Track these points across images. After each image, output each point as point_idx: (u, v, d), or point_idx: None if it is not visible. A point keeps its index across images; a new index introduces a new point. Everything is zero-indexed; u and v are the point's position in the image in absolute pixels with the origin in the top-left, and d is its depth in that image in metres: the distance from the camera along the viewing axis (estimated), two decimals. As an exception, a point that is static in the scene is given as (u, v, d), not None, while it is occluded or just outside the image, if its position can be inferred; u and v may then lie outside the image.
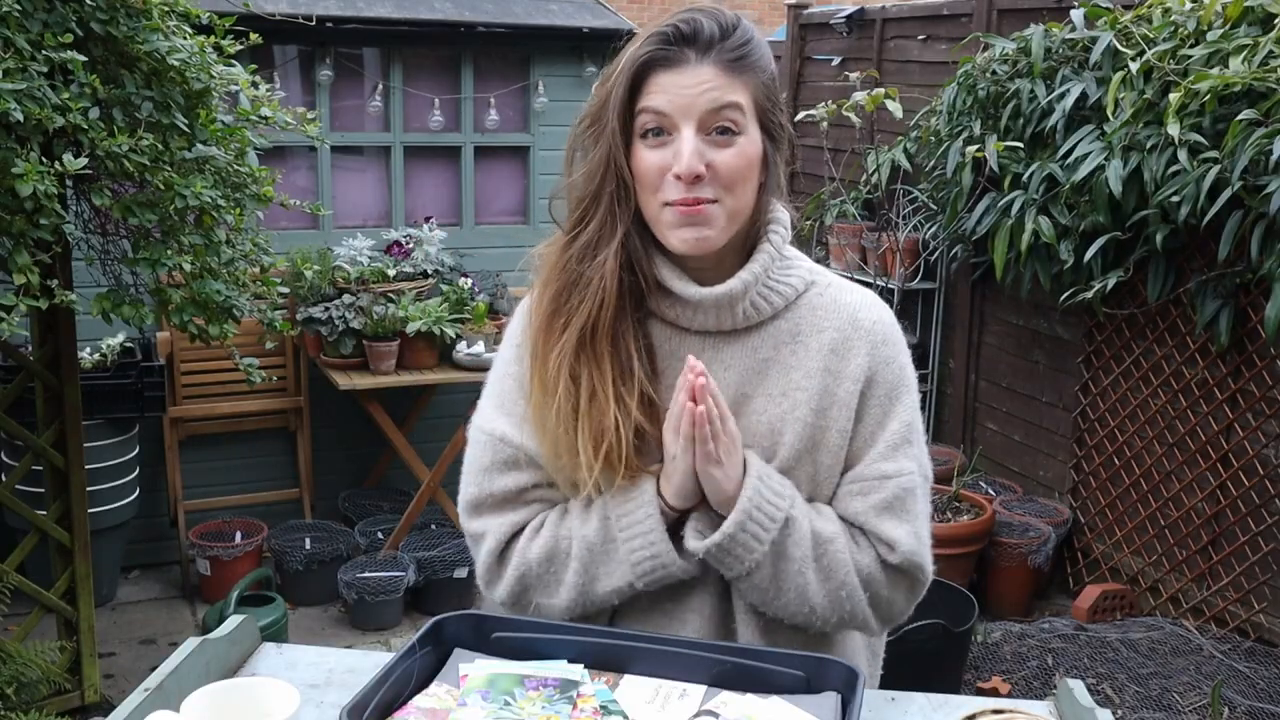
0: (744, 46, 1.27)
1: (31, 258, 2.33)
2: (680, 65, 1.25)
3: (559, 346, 1.31)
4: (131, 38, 2.47)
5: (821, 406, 1.34)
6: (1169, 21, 3.59)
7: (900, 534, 1.33)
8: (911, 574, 1.36)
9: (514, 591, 1.38)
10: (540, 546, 1.35)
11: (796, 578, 1.30)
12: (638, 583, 1.32)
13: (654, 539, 1.30)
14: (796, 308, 1.37)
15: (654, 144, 1.27)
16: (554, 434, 1.32)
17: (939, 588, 3.40)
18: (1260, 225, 3.16)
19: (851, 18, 5.36)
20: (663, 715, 1.16)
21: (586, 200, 1.31)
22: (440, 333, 4.09)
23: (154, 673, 1.22)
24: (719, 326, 1.35)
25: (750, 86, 1.28)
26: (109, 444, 3.95)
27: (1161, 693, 3.21)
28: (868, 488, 1.34)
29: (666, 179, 1.26)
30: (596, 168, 1.29)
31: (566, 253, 1.33)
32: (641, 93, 1.26)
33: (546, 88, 4.66)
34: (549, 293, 1.34)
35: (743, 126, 1.27)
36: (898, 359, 1.38)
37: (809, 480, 1.35)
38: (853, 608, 1.34)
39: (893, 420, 1.36)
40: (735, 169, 1.27)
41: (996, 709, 1.27)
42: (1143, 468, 3.97)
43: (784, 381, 1.35)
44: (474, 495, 1.40)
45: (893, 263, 4.80)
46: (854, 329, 1.36)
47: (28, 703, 3.06)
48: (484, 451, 1.39)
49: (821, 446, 1.34)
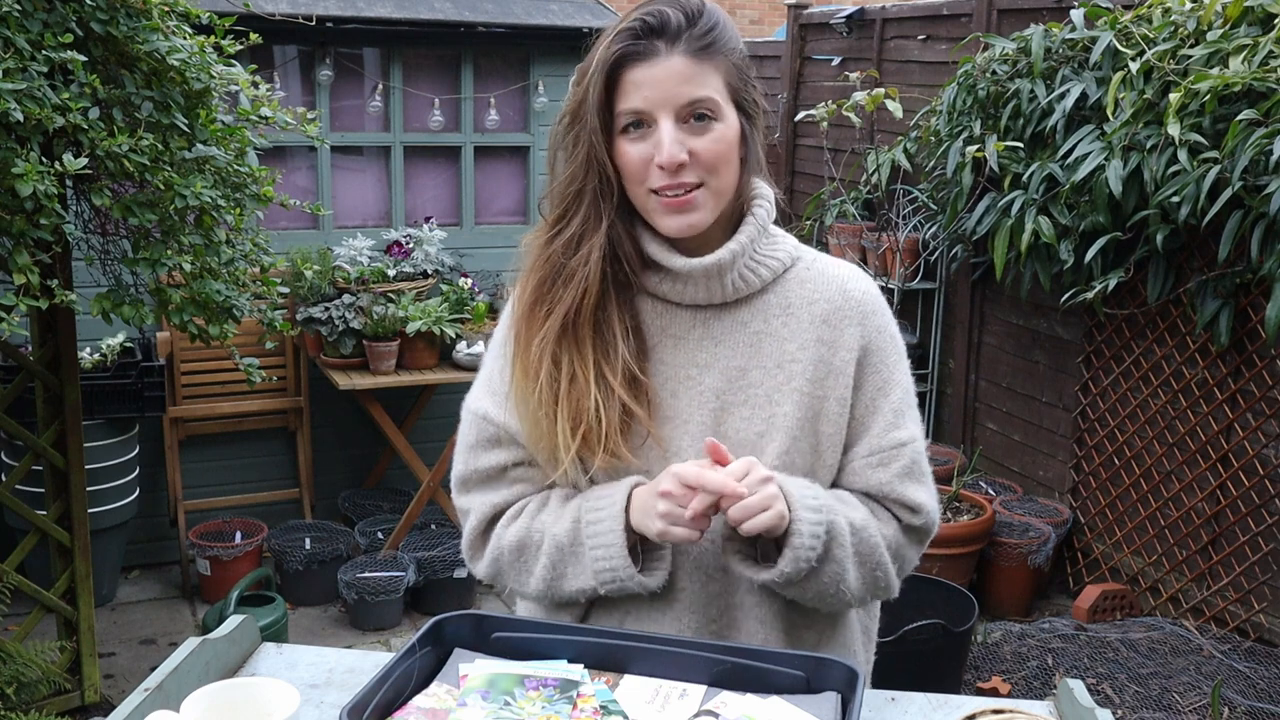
0: (711, 32, 1.30)
1: (31, 258, 2.33)
2: (651, 58, 1.28)
3: (541, 333, 1.34)
4: (131, 38, 2.47)
5: (818, 376, 1.36)
6: (1169, 21, 3.59)
7: (922, 497, 1.38)
8: (928, 530, 1.41)
9: (490, 572, 1.42)
10: (514, 535, 1.38)
11: (837, 571, 1.32)
12: (600, 589, 1.33)
13: (613, 553, 1.31)
14: (785, 281, 1.40)
15: (635, 137, 1.30)
16: (534, 416, 1.34)
17: (939, 588, 3.42)
18: (1260, 225, 3.15)
19: (851, 18, 5.36)
20: (663, 715, 1.16)
21: (570, 196, 1.34)
22: (440, 333, 4.09)
23: (154, 673, 1.22)
24: (709, 299, 1.37)
25: (721, 69, 1.31)
26: (109, 444, 3.95)
27: (1161, 693, 3.21)
28: (887, 458, 1.37)
29: (651, 168, 1.29)
30: (579, 165, 1.32)
31: (550, 246, 1.36)
32: (617, 90, 1.29)
33: (546, 88, 4.66)
34: (533, 282, 1.37)
35: (718, 112, 1.30)
36: (888, 328, 1.42)
37: (811, 450, 1.36)
38: (883, 579, 1.38)
39: (894, 388, 1.39)
40: (716, 153, 1.30)
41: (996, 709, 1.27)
42: (1143, 468, 3.97)
43: (778, 353, 1.37)
44: (461, 472, 1.45)
45: (893, 263, 4.80)
46: (845, 300, 1.39)
47: (28, 703, 3.06)
48: (470, 429, 1.44)
49: (822, 416, 1.36)
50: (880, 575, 1.36)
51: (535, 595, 1.39)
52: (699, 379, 1.37)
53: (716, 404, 1.36)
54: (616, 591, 1.33)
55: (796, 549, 1.27)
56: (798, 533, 1.27)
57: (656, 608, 1.37)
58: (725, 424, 1.36)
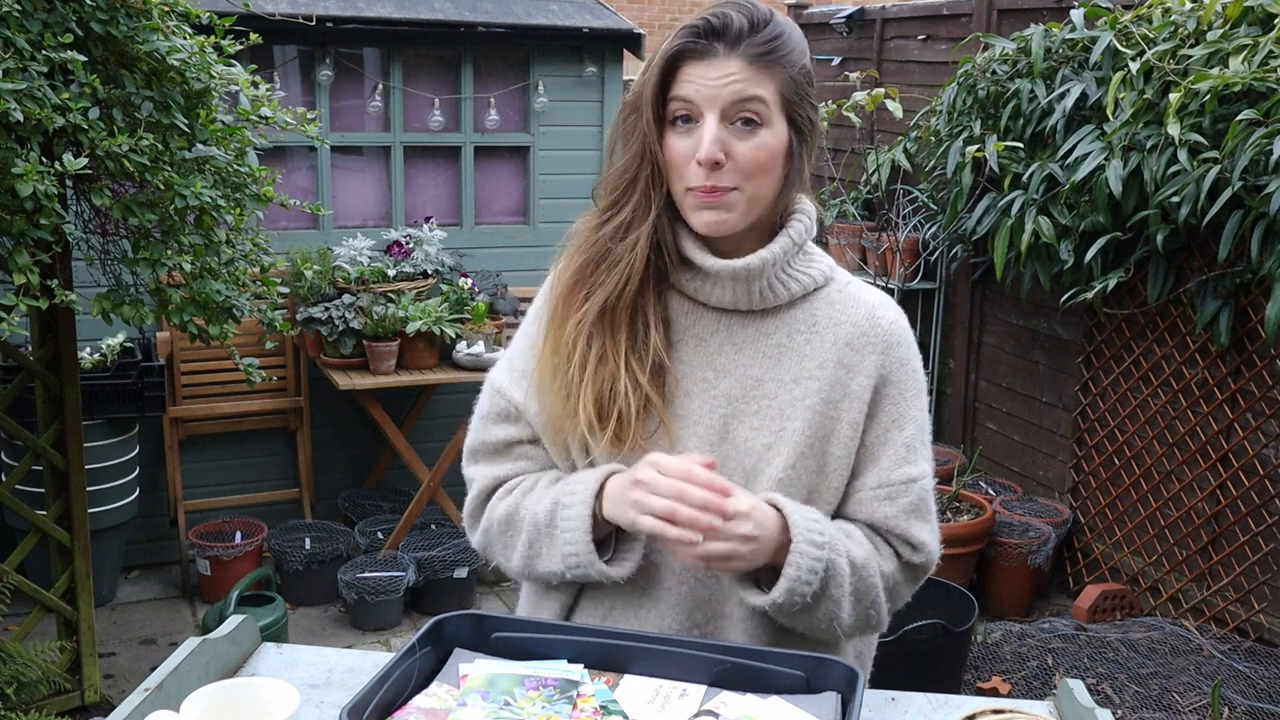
0: (773, 41, 1.30)
1: (31, 258, 2.33)
2: (709, 57, 1.29)
3: (580, 314, 1.35)
4: (131, 38, 2.47)
5: (833, 397, 1.36)
6: (1169, 21, 3.59)
7: (925, 535, 1.38)
8: (927, 569, 1.41)
9: (481, 544, 1.46)
10: (504, 509, 1.40)
11: (832, 608, 1.32)
12: (567, 574, 1.34)
13: (577, 537, 1.32)
14: (814, 299, 1.40)
15: (682, 131, 1.31)
16: (558, 392, 1.35)
17: (939, 588, 3.42)
18: (1260, 225, 3.15)
19: (851, 18, 5.36)
20: (663, 715, 1.16)
21: (624, 183, 1.35)
22: (440, 333, 4.09)
23: (154, 673, 1.22)
24: (735, 304, 1.38)
25: (777, 80, 1.30)
26: (109, 444, 3.95)
27: (1161, 693, 3.21)
28: (895, 492, 1.37)
29: (690, 165, 1.30)
30: (634, 154, 1.34)
31: (600, 230, 1.37)
32: (673, 83, 1.31)
33: (546, 88, 4.66)
34: (576, 263, 1.38)
35: (766, 119, 1.30)
36: (911, 361, 1.41)
37: (817, 470, 1.36)
38: (876, 616, 1.38)
39: (908, 423, 1.38)
40: (754, 160, 1.30)
41: (996, 709, 1.27)
42: (1143, 468, 3.97)
43: (797, 369, 1.37)
44: (471, 441, 1.48)
45: (893, 263, 4.80)
46: (872, 326, 1.39)
47: (28, 703, 3.06)
48: (486, 401, 1.47)
49: (832, 438, 1.36)
50: (874, 613, 1.36)
51: (516, 571, 1.41)
52: (714, 382, 1.37)
53: (728, 410, 1.36)
54: (580, 578, 1.34)
55: (793, 581, 1.27)
56: (796, 565, 1.27)
57: (641, 604, 1.37)
58: (734, 431, 1.36)
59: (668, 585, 1.37)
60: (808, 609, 1.30)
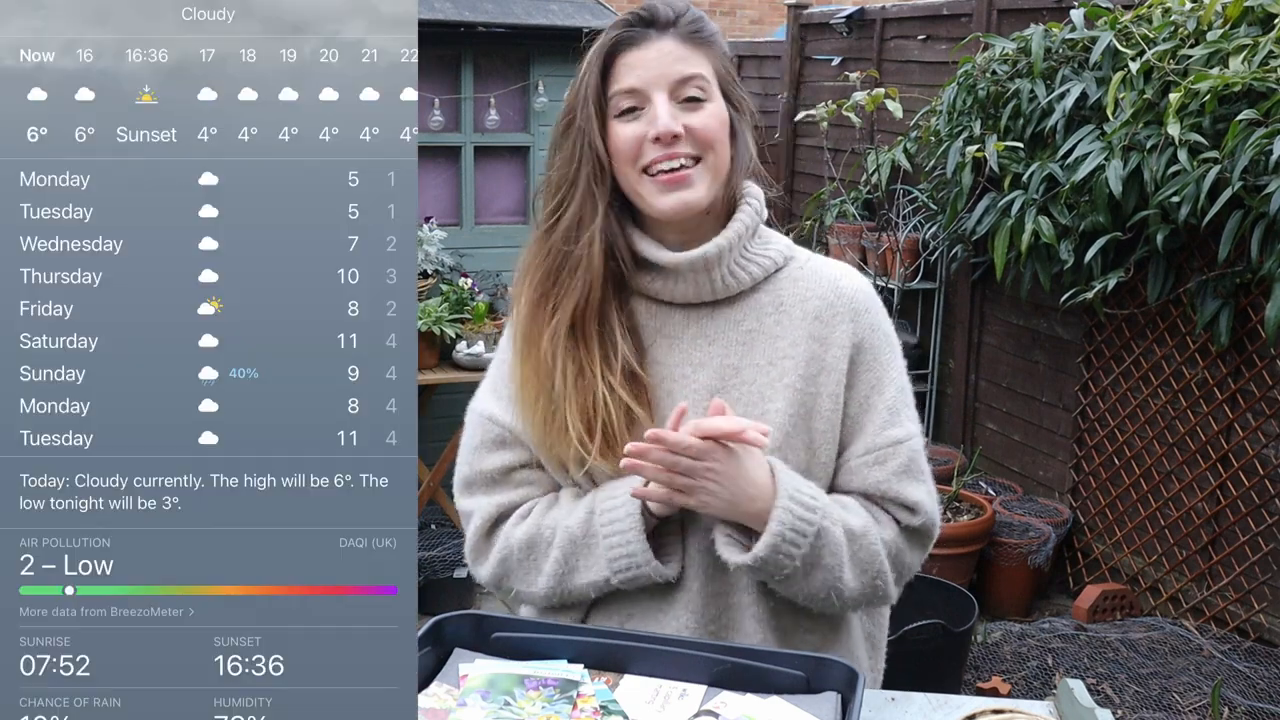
0: (698, 21, 1.36)
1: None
2: (644, 43, 1.33)
3: (551, 328, 1.34)
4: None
5: (810, 373, 1.36)
6: (1169, 21, 3.59)
7: (920, 495, 1.37)
8: (928, 532, 1.40)
9: (495, 574, 1.41)
10: (523, 533, 1.37)
11: (829, 577, 1.32)
12: (614, 579, 1.33)
13: (630, 538, 1.31)
14: (777, 280, 1.40)
15: (628, 118, 1.32)
16: (545, 414, 1.34)
17: (939, 588, 3.42)
18: (1260, 225, 3.15)
19: (851, 18, 5.36)
20: (663, 715, 1.16)
21: (565, 184, 1.35)
22: (440, 333, 4.09)
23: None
24: (699, 297, 1.37)
25: (711, 58, 1.35)
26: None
27: (1161, 693, 3.21)
28: (884, 455, 1.37)
29: (644, 145, 1.31)
30: (572, 152, 1.34)
31: (550, 237, 1.37)
32: (611, 75, 1.32)
33: (546, 88, 4.66)
34: (536, 278, 1.37)
35: (709, 94, 1.33)
36: (882, 325, 1.42)
37: (805, 447, 1.36)
38: (883, 586, 1.37)
39: (888, 385, 1.39)
40: (709, 128, 1.32)
41: (996, 709, 1.27)
42: (1143, 468, 3.97)
43: (770, 350, 1.37)
44: (465, 474, 1.44)
45: (893, 263, 4.80)
46: (837, 297, 1.39)
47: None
48: (475, 431, 1.44)
49: (815, 413, 1.36)
50: (880, 583, 1.36)
51: (543, 595, 1.38)
52: (693, 378, 1.37)
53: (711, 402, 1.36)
54: (630, 581, 1.33)
55: (775, 537, 1.27)
56: (779, 520, 1.27)
57: (659, 607, 1.37)
58: None
59: (682, 586, 1.36)
60: (800, 575, 1.30)
